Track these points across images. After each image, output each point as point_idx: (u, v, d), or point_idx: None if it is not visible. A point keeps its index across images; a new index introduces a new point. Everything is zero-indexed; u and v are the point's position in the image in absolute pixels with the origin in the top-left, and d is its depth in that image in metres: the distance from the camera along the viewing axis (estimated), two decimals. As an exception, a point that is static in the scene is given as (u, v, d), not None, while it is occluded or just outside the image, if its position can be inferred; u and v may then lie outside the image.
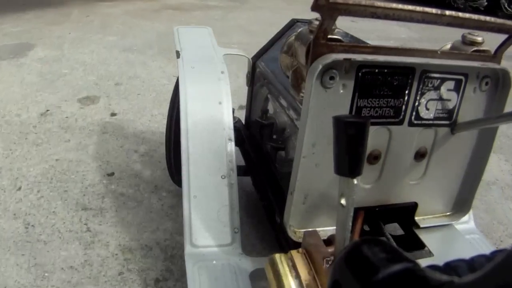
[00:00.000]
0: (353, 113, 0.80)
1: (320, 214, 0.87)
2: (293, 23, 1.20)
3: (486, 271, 0.34)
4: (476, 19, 0.76)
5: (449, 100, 0.86)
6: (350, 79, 0.77)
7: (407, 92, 0.82)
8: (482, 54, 0.88)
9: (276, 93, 1.17)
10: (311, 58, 0.76)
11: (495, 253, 0.54)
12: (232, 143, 1.04)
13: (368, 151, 0.85)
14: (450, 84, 0.84)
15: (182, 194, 0.98)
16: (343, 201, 0.62)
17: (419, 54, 0.82)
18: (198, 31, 1.40)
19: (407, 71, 0.80)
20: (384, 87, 0.80)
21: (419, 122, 0.86)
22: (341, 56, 0.74)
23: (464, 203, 1.00)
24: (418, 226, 0.98)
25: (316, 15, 0.72)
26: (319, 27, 0.73)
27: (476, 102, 0.88)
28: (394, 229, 1.11)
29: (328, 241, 0.82)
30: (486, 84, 0.87)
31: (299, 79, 0.95)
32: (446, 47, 0.93)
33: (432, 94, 0.84)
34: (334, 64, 0.74)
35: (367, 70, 0.77)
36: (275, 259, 0.80)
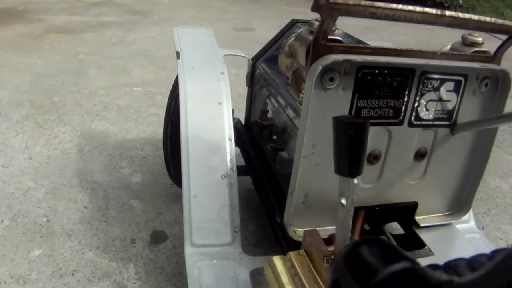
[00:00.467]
0: (353, 114, 0.80)
1: (320, 214, 0.87)
2: (293, 24, 1.20)
3: (486, 271, 0.34)
4: (476, 20, 0.77)
5: (449, 101, 0.86)
6: (350, 80, 0.77)
7: (407, 93, 0.82)
8: (482, 55, 0.88)
9: (276, 94, 1.17)
10: (311, 59, 0.76)
11: (495, 252, 0.54)
12: (232, 143, 1.05)
13: (368, 151, 0.85)
14: (450, 85, 0.85)
15: (182, 194, 0.98)
16: (343, 201, 0.62)
17: (419, 55, 0.82)
18: (198, 32, 1.40)
19: (407, 72, 0.80)
20: (384, 88, 0.81)
21: (419, 123, 0.86)
22: (341, 57, 0.74)
23: (464, 203, 1.00)
24: (418, 226, 0.98)
25: (316, 16, 0.73)
26: (319, 28, 0.73)
27: (476, 103, 0.88)
28: (394, 229, 1.11)
29: (328, 240, 0.82)
30: (486, 85, 0.87)
31: (299, 80, 0.95)
32: (446, 48, 0.93)
33: (432, 95, 0.84)
34: (334, 65, 0.74)
35: (367, 71, 0.77)
36: (274, 261, 0.80)
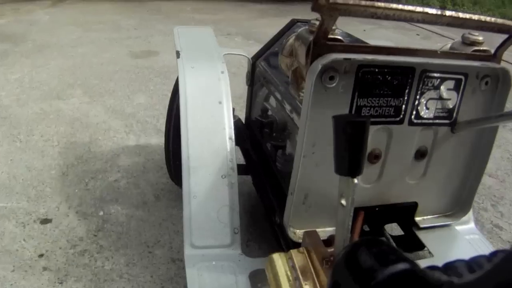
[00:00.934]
0: (353, 113, 0.80)
1: (320, 214, 0.87)
2: (293, 23, 1.20)
3: (485, 272, 0.34)
4: (476, 19, 0.76)
5: (449, 100, 0.86)
6: (350, 79, 0.77)
7: (407, 92, 0.82)
8: (482, 54, 0.87)
9: (276, 93, 1.16)
10: (311, 58, 0.76)
11: (495, 254, 0.54)
12: (232, 142, 1.04)
13: (368, 151, 0.85)
14: (450, 84, 0.84)
15: (182, 194, 0.98)
16: (343, 201, 0.62)
17: (419, 54, 0.82)
18: (198, 31, 1.40)
19: (407, 71, 0.80)
20: (384, 87, 0.80)
21: (419, 122, 0.86)
22: (341, 56, 0.74)
23: (464, 203, 1.00)
24: (418, 227, 0.98)
25: (316, 15, 0.72)
26: (319, 27, 0.73)
27: (476, 102, 0.88)
28: (394, 230, 1.11)
29: (328, 241, 0.82)
30: (486, 84, 0.87)
31: (299, 79, 0.95)
32: (446, 47, 0.93)
33: (432, 94, 0.84)
34: (334, 64, 0.74)
35: (367, 70, 0.77)
36: (275, 259, 0.79)
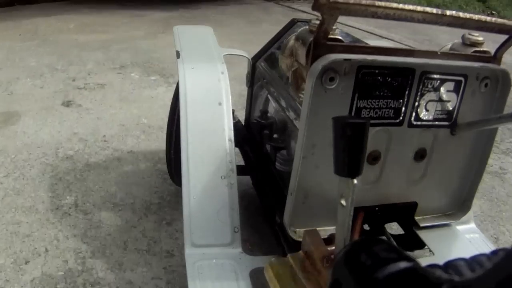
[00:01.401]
0: (353, 114, 0.80)
1: (320, 214, 0.87)
2: (293, 23, 1.20)
3: (486, 270, 0.34)
4: (477, 20, 0.77)
5: (449, 101, 0.86)
6: (350, 80, 0.77)
7: (407, 93, 0.82)
8: (482, 55, 0.88)
9: (276, 94, 1.17)
10: (311, 59, 0.76)
11: (496, 252, 0.54)
12: (232, 144, 1.04)
13: (368, 152, 0.85)
14: (450, 85, 0.84)
15: (182, 194, 0.98)
16: (343, 201, 0.62)
17: (419, 55, 0.82)
18: (198, 31, 1.40)
19: (407, 72, 0.80)
20: (384, 88, 0.80)
21: (419, 123, 0.86)
22: (341, 57, 0.74)
23: (464, 203, 1.00)
24: (419, 226, 0.98)
25: (317, 15, 0.72)
26: (319, 27, 0.73)
27: (476, 103, 0.88)
28: (394, 229, 1.11)
29: (328, 240, 0.82)
30: (486, 85, 0.87)
31: (299, 80, 0.95)
32: (446, 48, 0.93)
33: (432, 95, 0.84)
34: (334, 65, 0.74)
35: (367, 71, 0.77)
36: (274, 263, 0.80)
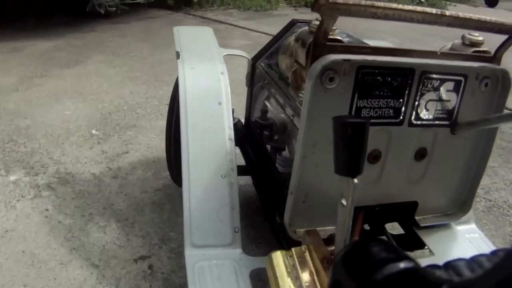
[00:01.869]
0: (353, 114, 0.80)
1: (320, 214, 0.87)
2: (293, 24, 1.20)
3: (486, 270, 0.34)
4: (476, 20, 0.77)
5: (449, 101, 0.86)
6: (350, 80, 0.77)
7: (407, 93, 0.82)
8: (482, 55, 0.88)
9: (276, 94, 1.17)
10: (311, 59, 0.76)
11: (495, 252, 0.54)
12: (232, 143, 1.05)
13: (368, 151, 0.85)
14: (450, 85, 0.85)
15: (182, 194, 0.99)
16: (343, 201, 0.62)
17: (419, 55, 0.82)
18: (198, 31, 1.40)
19: (407, 72, 0.80)
20: (384, 88, 0.81)
21: (419, 123, 0.86)
22: (341, 57, 0.74)
23: (465, 203, 1.00)
24: (419, 226, 0.98)
25: (316, 15, 0.73)
26: (319, 28, 0.73)
27: (476, 103, 0.88)
28: (394, 229, 1.11)
29: (328, 240, 0.82)
30: (486, 85, 0.87)
31: (299, 80, 0.95)
32: (446, 48, 0.93)
33: (432, 95, 0.84)
34: (334, 65, 0.74)
35: (367, 71, 0.77)
36: (276, 256, 0.80)
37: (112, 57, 1.18)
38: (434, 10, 0.72)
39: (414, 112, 0.85)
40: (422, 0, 5.86)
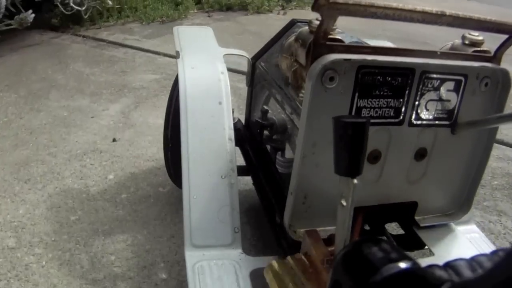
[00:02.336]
0: (353, 114, 0.80)
1: (320, 214, 0.87)
2: (293, 23, 1.20)
3: (486, 271, 0.34)
4: (476, 20, 0.77)
5: (449, 101, 0.86)
6: (350, 80, 0.77)
7: (407, 93, 0.82)
8: (482, 55, 0.88)
9: (276, 94, 1.17)
10: (311, 59, 0.76)
11: (496, 252, 0.54)
12: (232, 143, 1.05)
13: (368, 151, 0.85)
14: (450, 85, 0.85)
15: (182, 194, 0.98)
16: (343, 201, 0.62)
17: (419, 55, 0.82)
18: (198, 31, 1.40)
19: (407, 72, 0.80)
20: (384, 88, 0.81)
21: (419, 123, 0.86)
22: (341, 57, 0.74)
23: (464, 203, 1.00)
24: (419, 226, 0.98)
25: (316, 15, 0.72)
26: (319, 27, 0.73)
27: (476, 103, 0.88)
28: (394, 229, 1.11)
29: (329, 241, 0.82)
30: (486, 85, 0.87)
31: (299, 80, 0.95)
32: (446, 48, 0.93)
33: (432, 95, 0.84)
34: (334, 65, 0.74)
35: (367, 71, 0.77)
36: (274, 265, 0.80)
37: None
38: (434, 10, 0.72)
39: (414, 112, 0.85)
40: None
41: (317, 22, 0.77)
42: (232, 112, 1.11)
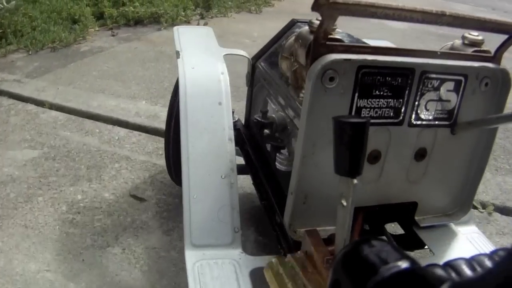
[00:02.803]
0: (353, 114, 0.80)
1: (320, 214, 0.87)
2: (293, 23, 1.20)
3: (487, 270, 0.34)
4: (476, 20, 0.77)
5: (449, 101, 0.86)
6: (350, 80, 0.77)
7: (407, 93, 0.82)
8: (482, 55, 0.88)
9: (276, 94, 1.17)
10: (311, 59, 0.76)
11: (496, 252, 0.54)
12: (232, 143, 1.05)
13: (368, 151, 0.85)
14: (450, 85, 0.85)
15: (182, 194, 0.98)
16: (343, 201, 0.62)
17: (419, 55, 0.82)
18: (198, 31, 1.40)
19: (407, 72, 0.80)
20: (384, 88, 0.81)
21: (419, 123, 0.86)
22: (341, 57, 0.74)
23: (464, 203, 1.00)
24: (418, 226, 0.98)
25: (316, 15, 0.73)
26: (319, 27, 0.73)
27: (476, 103, 0.88)
28: (394, 229, 1.11)
29: (328, 240, 0.82)
30: (486, 85, 0.87)
31: (299, 80, 0.95)
32: (446, 48, 0.93)
33: (432, 95, 0.84)
34: (334, 65, 0.74)
35: (367, 71, 0.77)
36: (274, 264, 0.80)
37: None
38: (434, 10, 0.72)
39: (414, 112, 0.85)
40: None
41: (317, 22, 0.77)
42: (232, 113, 1.11)
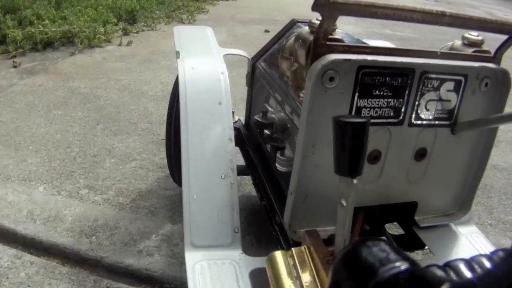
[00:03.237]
0: (353, 114, 0.80)
1: (320, 214, 0.87)
2: (293, 24, 1.20)
3: (487, 271, 0.34)
4: (476, 20, 0.77)
5: (449, 101, 0.86)
6: (350, 80, 0.77)
7: (407, 93, 0.82)
8: (482, 55, 0.88)
9: (276, 94, 1.17)
10: (311, 59, 0.76)
11: (495, 253, 0.54)
12: (232, 143, 1.05)
13: (368, 151, 0.85)
14: (450, 85, 0.85)
15: (182, 194, 0.98)
16: (343, 201, 0.62)
17: (419, 55, 0.82)
18: (198, 31, 1.40)
19: (407, 72, 0.80)
20: (384, 88, 0.81)
21: (419, 123, 0.86)
22: (341, 57, 0.74)
23: (464, 203, 1.00)
24: (418, 226, 0.98)
25: (317, 15, 0.73)
26: (319, 27, 0.73)
27: (476, 103, 0.88)
28: (394, 229, 1.11)
29: (328, 241, 0.82)
30: (486, 85, 0.87)
31: (299, 80, 0.95)
32: (446, 48, 0.93)
33: (432, 95, 0.84)
34: (334, 65, 0.74)
35: (367, 71, 0.77)
36: (276, 256, 0.80)
37: None
38: (434, 10, 0.72)
39: (414, 112, 0.85)
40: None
41: (317, 22, 0.77)
42: (233, 114, 1.11)
